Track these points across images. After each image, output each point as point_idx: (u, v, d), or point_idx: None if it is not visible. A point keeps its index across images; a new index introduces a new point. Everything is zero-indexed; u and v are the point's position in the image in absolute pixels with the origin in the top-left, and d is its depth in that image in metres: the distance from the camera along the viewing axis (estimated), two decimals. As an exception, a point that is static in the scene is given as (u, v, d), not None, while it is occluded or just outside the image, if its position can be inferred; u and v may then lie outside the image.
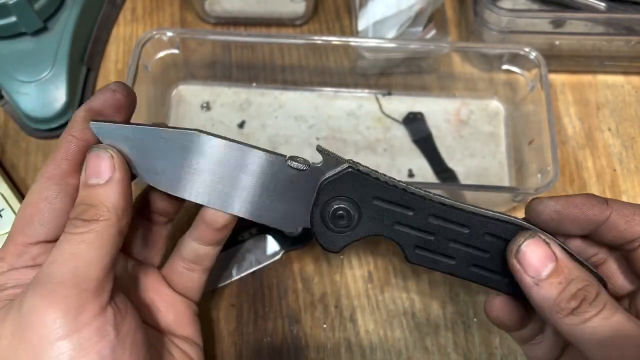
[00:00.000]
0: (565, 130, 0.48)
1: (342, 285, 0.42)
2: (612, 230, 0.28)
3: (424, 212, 0.29)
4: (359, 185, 0.28)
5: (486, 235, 0.29)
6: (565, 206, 0.28)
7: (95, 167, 0.26)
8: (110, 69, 0.50)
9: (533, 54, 0.44)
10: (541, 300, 0.26)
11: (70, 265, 0.24)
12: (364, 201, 0.29)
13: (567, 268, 0.26)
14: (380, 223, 0.29)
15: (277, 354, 0.39)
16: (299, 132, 0.48)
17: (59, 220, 0.26)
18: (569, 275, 0.26)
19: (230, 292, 0.41)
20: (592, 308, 0.25)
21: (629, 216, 0.27)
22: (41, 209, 0.26)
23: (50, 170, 0.27)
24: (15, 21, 0.44)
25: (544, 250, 0.27)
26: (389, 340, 0.40)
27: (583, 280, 0.26)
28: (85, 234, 0.25)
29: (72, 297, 0.23)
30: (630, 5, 0.47)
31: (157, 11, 0.53)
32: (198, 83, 0.50)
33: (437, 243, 0.29)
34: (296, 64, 0.49)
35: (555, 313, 0.25)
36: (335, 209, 0.29)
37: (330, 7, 0.54)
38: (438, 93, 0.50)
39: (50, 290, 0.23)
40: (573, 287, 0.26)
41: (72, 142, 0.27)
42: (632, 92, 0.50)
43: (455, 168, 0.46)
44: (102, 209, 0.25)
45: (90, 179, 0.26)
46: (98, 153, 0.27)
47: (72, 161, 0.27)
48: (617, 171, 0.47)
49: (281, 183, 0.29)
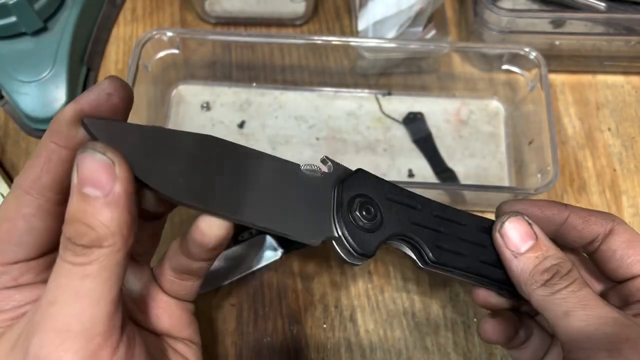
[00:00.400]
0: (565, 130, 0.48)
1: (342, 285, 0.42)
2: (571, 231, 0.30)
3: (428, 210, 0.30)
4: (372, 184, 0.29)
5: (479, 231, 0.31)
6: (526, 207, 0.31)
7: (92, 175, 0.21)
8: (110, 69, 0.50)
9: (533, 54, 0.44)
10: (518, 273, 0.28)
11: (76, 307, 0.21)
12: (380, 199, 0.29)
13: (545, 246, 0.28)
14: (399, 221, 0.29)
15: (277, 354, 0.39)
16: (299, 132, 0.48)
17: (39, 240, 0.24)
18: (546, 252, 0.28)
19: (230, 292, 0.41)
20: (563, 281, 0.27)
21: (585, 217, 0.30)
22: (18, 227, 0.23)
23: (28, 182, 0.23)
24: (15, 21, 0.44)
25: (525, 228, 0.29)
26: (389, 340, 0.40)
27: (558, 258, 0.28)
28: (88, 266, 0.21)
29: (83, 348, 0.20)
30: (630, 5, 0.47)
31: (157, 11, 0.53)
32: (198, 83, 0.50)
33: (447, 239, 0.30)
34: (296, 64, 0.49)
35: (530, 285, 0.28)
36: (360, 203, 0.28)
37: (330, 7, 0.54)
38: (438, 93, 0.50)
39: (57, 342, 0.20)
40: (548, 262, 0.28)
41: (53, 152, 0.23)
42: (632, 92, 0.50)
43: (455, 168, 0.46)
44: (105, 233, 0.21)
45: (86, 188, 0.21)
46: (94, 157, 0.21)
47: (54, 174, 0.23)
48: (617, 171, 0.47)
49: (296, 190, 0.27)
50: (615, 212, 0.45)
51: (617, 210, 0.45)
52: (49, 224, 0.24)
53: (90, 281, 0.21)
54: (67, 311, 0.20)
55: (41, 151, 0.23)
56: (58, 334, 0.20)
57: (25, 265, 0.24)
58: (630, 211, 0.45)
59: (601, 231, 0.30)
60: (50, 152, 0.23)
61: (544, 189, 0.39)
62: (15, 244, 0.23)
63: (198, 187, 0.25)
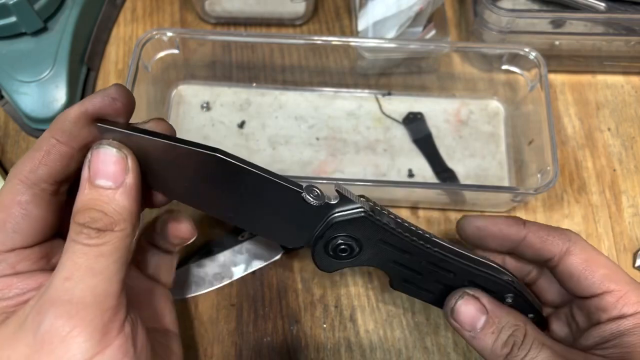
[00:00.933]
0: (565, 130, 0.48)
1: (342, 285, 0.42)
2: (529, 249, 0.32)
3: (420, 257, 0.30)
4: (368, 229, 0.29)
5: (468, 282, 0.31)
6: (485, 224, 0.32)
7: (106, 168, 0.24)
8: (111, 69, 0.50)
9: (533, 54, 0.44)
10: (481, 350, 0.30)
11: (90, 282, 0.22)
12: (368, 241, 0.30)
13: (497, 317, 0.30)
14: (378, 259, 0.30)
15: (277, 354, 0.40)
16: (299, 132, 0.48)
17: (35, 227, 0.25)
18: (500, 324, 0.29)
19: (230, 292, 0.41)
20: (521, 351, 0.28)
21: (543, 237, 0.31)
22: (14, 214, 0.24)
23: (25, 172, 0.24)
24: (15, 21, 0.44)
25: (474, 306, 0.30)
26: (388, 340, 0.40)
27: (512, 326, 0.29)
28: (102, 247, 0.23)
29: (96, 318, 0.22)
30: (630, 5, 0.47)
31: (157, 11, 0.53)
32: (198, 83, 0.50)
33: (423, 281, 0.31)
34: (296, 64, 0.49)
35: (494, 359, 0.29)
36: (339, 244, 0.29)
37: (330, 7, 0.54)
38: (438, 93, 0.50)
39: (73, 312, 0.22)
40: (504, 335, 0.29)
41: (53, 147, 0.25)
42: (632, 92, 0.50)
43: (455, 168, 0.46)
44: (117, 218, 0.23)
45: (99, 180, 0.24)
46: (109, 151, 0.24)
47: (51, 167, 0.25)
48: (617, 171, 0.47)
49: (291, 210, 0.28)
50: (615, 212, 0.45)
51: (616, 210, 0.45)
52: (43, 212, 0.25)
53: (105, 260, 0.23)
54: (82, 286, 0.22)
55: (41, 145, 0.25)
56: (74, 305, 0.22)
57: (22, 252, 0.25)
58: (630, 211, 0.45)
59: (557, 251, 0.30)
60: (50, 147, 0.25)
61: (544, 189, 0.39)
62: (11, 230, 0.24)
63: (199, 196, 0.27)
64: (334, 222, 0.28)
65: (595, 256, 0.30)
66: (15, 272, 0.25)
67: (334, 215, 0.28)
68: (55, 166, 0.25)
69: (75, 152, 0.25)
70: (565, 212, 0.45)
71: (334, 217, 0.28)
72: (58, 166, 0.25)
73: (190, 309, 0.41)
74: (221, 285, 0.41)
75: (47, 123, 0.46)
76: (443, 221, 0.45)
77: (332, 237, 0.29)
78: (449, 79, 0.50)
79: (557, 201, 0.45)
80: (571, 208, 0.45)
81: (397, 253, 0.30)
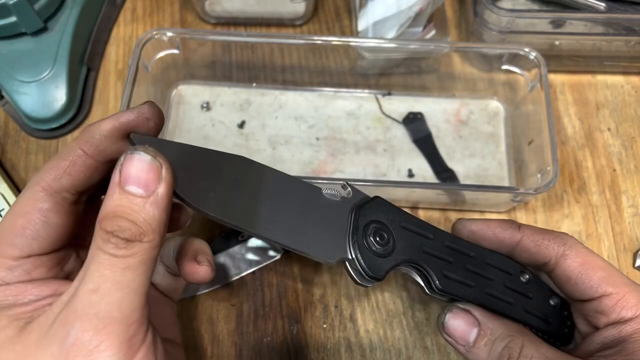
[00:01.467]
0: (565, 130, 0.48)
1: (342, 285, 0.42)
2: (524, 253, 0.31)
3: (440, 240, 0.31)
4: (388, 211, 0.30)
5: (487, 264, 0.32)
6: (479, 227, 0.32)
7: (139, 174, 0.23)
8: (111, 69, 0.50)
9: (533, 54, 0.44)
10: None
11: (117, 295, 0.22)
12: (394, 226, 0.30)
13: (489, 329, 0.29)
14: (411, 248, 0.30)
15: (277, 354, 0.40)
16: (299, 132, 0.48)
17: (54, 235, 0.25)
18: (492, 335, 0.29)
19: (230, 292, 0.41)
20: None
21: (538, 241, 0.31)
22: (34, 221, 0.24)
23: (48, 180, 0.25)
24: (15, 21, 0.44)
25: (465, 319, 0.30)
26: (388, 340, 0.40)
27: (506, 337, 0.29)
28: (129, 258, 0.22)
29: (122, 332, 0.22)
30: (630, 5, 0.47)
31: (157, 11, 0.53)
32: (198, 83, 0.50)
33: (455, 269, 0.31)
34: (296, 64, 0.49)
35: None
36: (374, 229, 0.29)
37: (330, 7, 0.54)
38: (438, 93, 0.50)
39: (100, 326, 0.22)
40: (498, 347, 0.28)
41: (80, 158, 0.25)
42: (632, 92, 0.50)
43: (455, 168, 0.46)
44: (146, 229, 0.23)
45: (130, 186, 0.23)
46: (144, 158, 0.23)
47: (75, 177, 0.25)
48: (616, 171, 0.47)
49: (316, 212, 0.29)
50: (615, 212, 0.45)
51: (616, 210, 0.45)
52: (63, 220, 0.25)
53: (131, 273, 0.22)
54: (109, 299, 0.22)
55: (67, 155, 0.25)
56: (101, 319, 0.22)
57: (38, 259, 0.25)
58: (630, 211, 0.45)
59: (552, 255, 0.30)
60: (76, 157, 0.25)
61: (544, 189, 0.39)
62: (30, 237, 0.24)
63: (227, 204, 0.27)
64: (358, 208, 0.29)
65: (591, 259, 0.30)
66: (31, 278, 0.25)
67: (355, 204, 0.30)
68: (79, 177, 0.25)
69: (100, 165, 0.26)
70: (565, 212, 0.45)
71: (356, 204, 0.30)
72: (82, 177, 0.25)
73: (190, 309, 0.41)
74: (221, 286, 0.41)
75: (47, 123, 0.46)
76: (443, 221, 0.45)
77: (364, 225, 0.29)
78: (449, 79, 0.50)
79: (557, 201, 0.45)
80: (571, 208, 0.45)
81: (421, 238, 0.30)
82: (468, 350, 0.29)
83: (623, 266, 0.43)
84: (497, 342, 0.29)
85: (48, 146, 0.47)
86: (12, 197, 0.42)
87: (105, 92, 0.49)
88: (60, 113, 0.46)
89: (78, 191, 0.26)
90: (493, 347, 0.28)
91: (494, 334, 0.29)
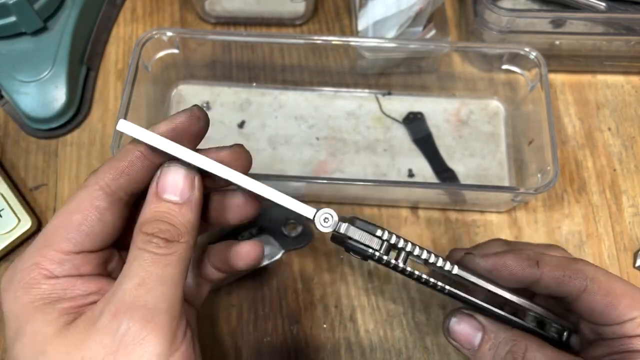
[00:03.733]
0: (565, 130, 0.48)
1: (342, 285, 0.42)
2: (544, 290, 0.30)
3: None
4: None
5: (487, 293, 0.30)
6: (495, 267, 0.30)
7: (175, 183, 0.26)
8: (110, 69, 0.50)
9: (533, 54, 0.44)
10: None
11: (162, 289, 0.24)
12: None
13: (493, 333, 0.29)
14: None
15: (277, 354, 0.39)
16: (299, 132, 0.48)
17: (106, 233, 0.26)
18: (497, 339, 0.29)
19: (230, 292, 0.41)
20: None
21: (559, 278, 0.29)
22: (90, 218, 0.25)
23: (106, 180, 0.26)
24: (15, 21, 0.44)
25: (469, 323, 0.30)
26: (389, 340, 0.40)
27: (510, 340, 0.29)
28: (169, 256, 0.24)
29: (167, 324, 0.23)
30: (630, 5, 0.47)
31: (157, 11, 0.53)
32: (198, 83, 0.50)
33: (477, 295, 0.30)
34: (296, 64, 0.49)
35: None
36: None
37: (330, 7, 0.54)
38: (438, 93, 0.50)
39: (149, 317, 0.23)
40: (501, 351, 0.29)
41: (138, 159, 0.26)
42: (632, 92, 0.50)
43: (455, 168, 0.46)
44: (183, 230, 0.25)
45: (167, 194, 0.26)
46: (180, 170, 0.26)
47: (132, 178, 0.26)
48: (617, 171, 0.47)
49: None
50: (615, 212, 0.45)
51: (617, 210, 0.45)
52: (116, 220, 0.26)
53: (172, 269, 0.24)
54: (155, 292, 0.23)
55: (125, 156, 0.26)
56: (149, 310, 0.23)
57: (88, 256, 0.26)
58: (631, 211, 0.45)
59: (575, 292, 0.29)
60: (134, 158, 0.26)
61: (544, 189, 0.39)
62: (85, 233, 0.25)
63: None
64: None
65: (614, 287, 0.28)
66: (79, 273, 0.25)
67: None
68: (136, 177, 0.26)
69: (155, 167, 0.27)
70: (565, 212, 0.45)
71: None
72: (139, 178, 0.26)
73: (190, 309, 0.41)
74: (221, 286, 0.41)
75: (47, 123, 0.46)
76: (443, 221, 0.45)
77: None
78: (449, 79, 0.50)
79: (558, 201, 0.45)
80: (571, 208, 0.45)
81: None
82: (473, 354, 0.30)
83: (623, 266, 0.43)
84: (500, 346, 0.29)
85: (48, 146, 0.47)
86: (12, 197, 0.42)
87: (105, 92, 0.49)
88: (60, 113, 0.46)
89: (134, 192, 0.27)
90: (497, 351, 0.29)
91: (498, 338, 0.29)
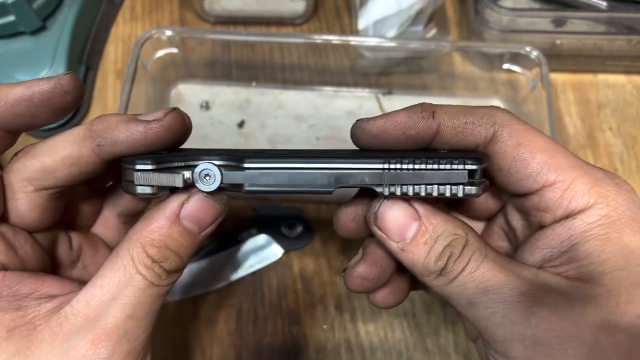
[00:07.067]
0: (567, 129, 0.48)
1: (342, 286, 0.42)
2: (444, 144, 0.25)
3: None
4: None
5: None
6: (384, 128, 0.25)
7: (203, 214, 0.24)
8: (109, 69, 0.50)
9: (534, 54, 0.44)
10: (411, 265, 0.24)
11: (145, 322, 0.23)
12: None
13: (431, 225, 0.23)
14: None
15: (277, 355, 0.39)
16: (299, 132, 0.47)
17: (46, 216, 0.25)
18: (435, 232, 0.23)
19: (230, 292, 0.41)
20: (458, 264, 0.22)
21: (459, 127, 0.24)
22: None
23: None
24: (14, 20, 0.44)
25: (403, 210, 0.24)
26: (389, 341, 0.40)
27: (450, 235, 0.23)
28: (164, 288, 0.23)
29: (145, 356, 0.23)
30: (631, 4, 0.47)
31: (156, 10, 0.53)
32: (197, 82, 0.49)
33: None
34: (296, 64, 0.49)
35: (426, 276, 0.23)
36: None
37: (330, 6, 0.54)
38: (439, 92, 0.49)
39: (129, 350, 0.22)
40: (439, 246, 0.23)
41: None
42: (634, 92, 0.50)
43: (456, 168, 0.46)
44: (184, 262, 0.24)
45: (189, 223, 0.23)
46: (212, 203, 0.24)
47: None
48: (618, 171, 0.47)
49: None
50: (616, 212, 0.45)
51: (618, 210, 0.45)
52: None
53: (160, 300, 0.23)
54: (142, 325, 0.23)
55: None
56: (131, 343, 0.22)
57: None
58: (632, 211, 0.45)
59: (480, 141, 0.24)
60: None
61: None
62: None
63: None
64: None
65: (530, 139, 0.23)
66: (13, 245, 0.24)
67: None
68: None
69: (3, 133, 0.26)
70: (566, 212, 0.45)
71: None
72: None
73: (190, 310, 0.40)
74: (221, 286, 0.41)
75: (46, 122, 0.46)
76: (444, 221, 0.44)
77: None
78: (449, 78, 0.50)
79: (559, 201, 0.45)
80: (572, 208, 0.45)
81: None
82: (402, 247, 0.23)
83: (625, 266, 0.43)
84: (439, 241, 0.23)
85: (47, 146, 0.47)
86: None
87: (104, 92, 0.49)
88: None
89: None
90: (434, 247, 0.23)
91: (437, 231, 0.23)
